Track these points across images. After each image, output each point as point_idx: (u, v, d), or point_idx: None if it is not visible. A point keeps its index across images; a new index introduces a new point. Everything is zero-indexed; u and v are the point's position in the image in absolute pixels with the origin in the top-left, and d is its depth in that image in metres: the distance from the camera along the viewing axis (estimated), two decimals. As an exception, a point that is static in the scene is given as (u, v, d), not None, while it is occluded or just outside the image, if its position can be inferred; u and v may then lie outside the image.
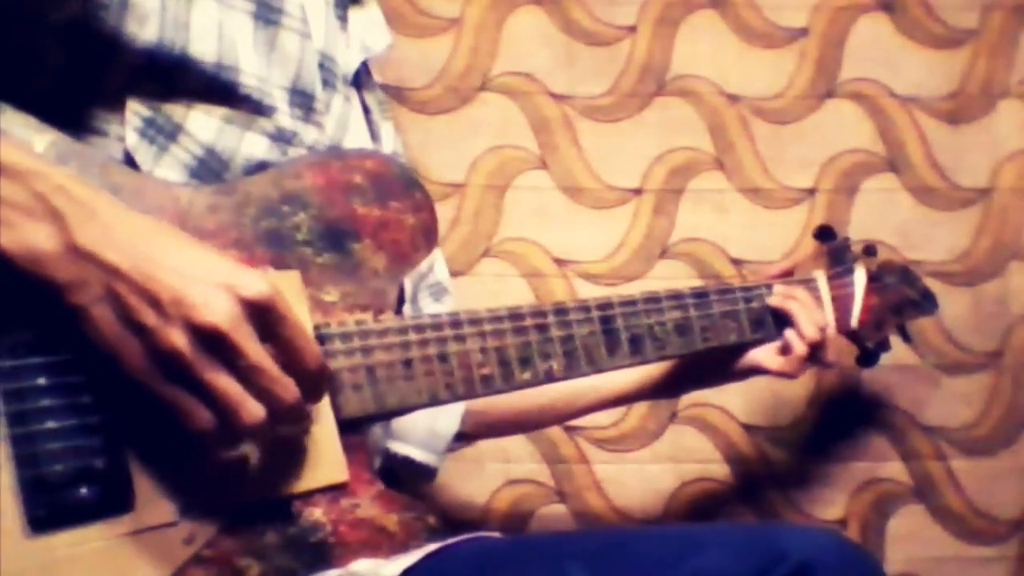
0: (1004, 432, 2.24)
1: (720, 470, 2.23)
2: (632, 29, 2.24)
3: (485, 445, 2.11)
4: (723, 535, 1.24)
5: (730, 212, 2.24)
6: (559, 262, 2.21)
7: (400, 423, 1.75)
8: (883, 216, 2.21)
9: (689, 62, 2.25)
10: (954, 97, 2.26)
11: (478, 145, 2.21)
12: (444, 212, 2.16)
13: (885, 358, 2.06)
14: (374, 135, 1.64)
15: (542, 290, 2.20)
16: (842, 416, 2.24)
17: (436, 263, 1.82)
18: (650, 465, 2.21)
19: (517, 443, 2.18)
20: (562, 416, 1.92)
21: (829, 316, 1.82)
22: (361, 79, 1.63)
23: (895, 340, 1.96)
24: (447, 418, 1.81)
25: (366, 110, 1.63)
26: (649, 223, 2.23)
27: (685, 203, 2.24)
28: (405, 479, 1.79)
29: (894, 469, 2.24)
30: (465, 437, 1.87)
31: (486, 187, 2.20)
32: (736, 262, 2.22)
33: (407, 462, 1.78)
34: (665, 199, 2.23)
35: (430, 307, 1.77)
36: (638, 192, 2.23)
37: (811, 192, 2.24)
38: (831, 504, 2.22)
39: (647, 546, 1.23)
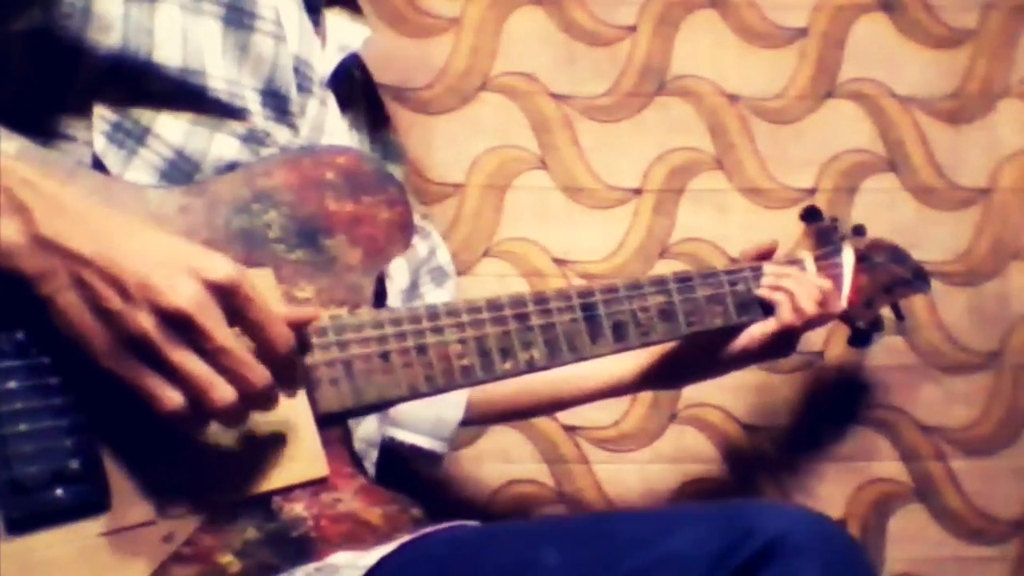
0: (1004, 432, 2.24)
1: (720, 470, 2.22)
2: (632, 29, 2.24)
3: (485, 445, 2.12)
4: (694, 515, 1.24)
5: (730, 212, 2.23)
6: (559, 262, 2.21)
7: (405, 413, 1.76)
8: (883, 216, 2.20)
9: (689, 62, 2.25)
10: (954, 97, 2.26)
11: (478, 145, 2.21)
12: (444, 212, 2.17)
13: (886, 358, 2.07)
14: (356, 127, 1.64)
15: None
16: (842, 416, 2.24)
17: (437, 248, 1.83)
18: (650, 465, 2.21)
19: (517, 443, 2.18)
20: (564, 405, 1.92)
21: (846, 287, 1.84)
22: (344, 82, 1.63)
23: (895, 339, 1.96)
24: (452, 407, 1.83)
25: (347, 106, 1.64)
26: (649, 223, 2.23)
27: (685, 203, 2.23)
28: (412, 467, 1.80)
29: (894, 469, 2.23)
30: (471, 423, 1.89)
31: (486, 187, 2.20)
32: (736, 262, 2.20)
33: (414, 449, 1.80)
34: (665, 199, 2.23)
35: (432, 292, 1.78)
36: (638, 192, 2.23)
37: (811, 192, 2.24)
38: (831, 504, 2.21)
39: (619, 528, 1.24)
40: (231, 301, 1.09)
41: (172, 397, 1.06)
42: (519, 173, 2.21)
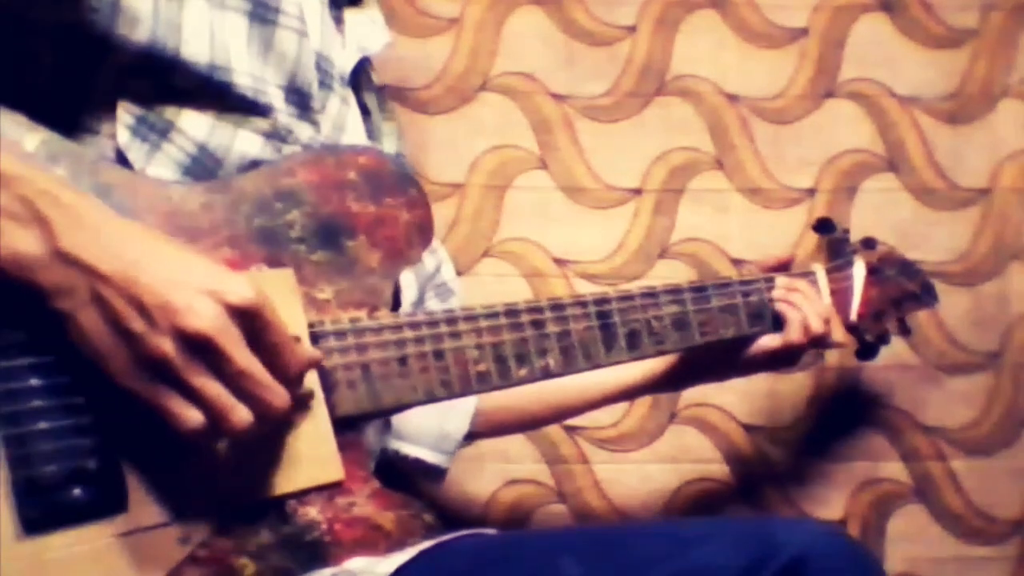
0: (1004, 432, 2.24)
1: (720, 470, 2.23)
2: (632, 29, 2.24)
3: (485, 445, 2.11)
4: (717, 529, 1.24)
5: (730, 212, 2.24)
6: (559, 262, 2.21)
7: (410, 425, 1.77)
8: (883, 216, 2.21)
9: (689, 62, 2.25)
10: (954, 97, 2.26)
11: (478, 145, 2.21)
12: (444, 212, 2.17)
13: (885, 358, 2.06)
14: (371, 135, 1.63)
15: (542, 290, 2.19)
16: (842, 416, 2.24)
17: (443, 264, 1.83)
18: (650, 465, 2.21)
19: (517, 443, 2.18)
20: (571, 412, 1.93)
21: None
22: (360, 80, 1.63)
23: (895, 339, 1.96)
24: (457, 420, 1.83)
25: (366, 111, 1.63)
26: (649, 223, 2.23)
27: (685, 203, 2.23)
28: (413, 478, 1.80)
29: (894, 469, 2.24)
30: (474, 436, 1.89)
31: (486, 187, 2.20)
32: (736, 262, 2.22)
33: (418, 463, 1.80)
34: (665, 199, 2.23)
35: (436, 308, 1.76)
36: (638, 192, 2.23)
37: (811, 192, 2.24)
38: (831, 504, 2.22)
39: (641, 541, 1.23)
40: (251, 324, 1.09)
41: (191, 417, 1.06)
42: (519, 173, 2.21)
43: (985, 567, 2.22)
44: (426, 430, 1.79)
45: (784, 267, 1.81)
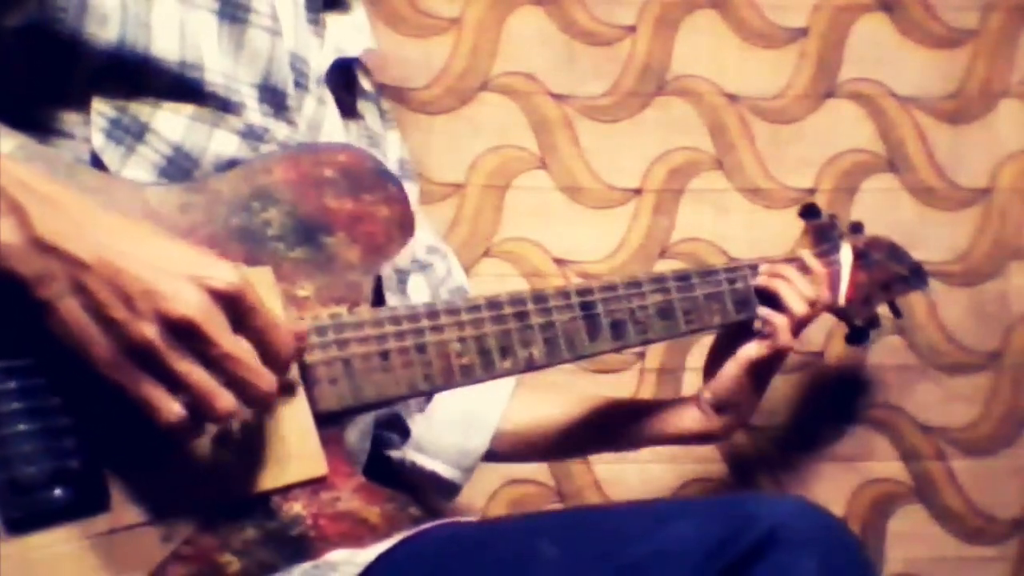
0: (1004, 432, 2.24)
1: (720, 470, 2.23)
2: (632, 29, 2.24)
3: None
4: (692, 507, 1.24)
5: (730, 212, 2.23)
6: (559, 262, 2.21)
7: (429, 439, 1.78)
8: (883, 216, 2.20)
9: (689, 62, 2.25)
10: (954, 97, 2.26)
11: (478, 145, 2.21)
12: (444, 212, 2.17)
13: (886, 358, 2.06)
14: (351, 137, 1.63)
15: (542, 290, 2.19)
16: (842, 416, 2.24)
17: (453, 269, 1.84)
18: (650, 465, 2.20)
19: (517, 443, 2.18)
20: (594, 452, 1.98)
21: (844, 285, 1.84)
22: (348, 83, 1.63)
23: (895, 338, 1.96)
24: (477, 436, 1.82)
25: (351, 112, 1.63)
26: (649, 223, 2.23)
27: (685, 203, 2.23)
28: (426, 492, 1.80)
29: (894, 469, 2.23)
30: (494, 457, 1.87)
31: (486, 187, 2.20)
32: (735, 262, 2.21)
33: (433, 476, 1.81)
34: (665, 199, 2.23)
35: None
36: (638, 192, 2.23)
37: (811, 192, 2.24)
38: (831, 504, 2.20)
39: (616, 520, 1.23)
40: (236, 308, 1.08)
41: (173, 409, 1.05)
42: (519, 173, 2.21)
43: (985, 567, 2.22)
44: (448, 445, 1.79)
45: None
